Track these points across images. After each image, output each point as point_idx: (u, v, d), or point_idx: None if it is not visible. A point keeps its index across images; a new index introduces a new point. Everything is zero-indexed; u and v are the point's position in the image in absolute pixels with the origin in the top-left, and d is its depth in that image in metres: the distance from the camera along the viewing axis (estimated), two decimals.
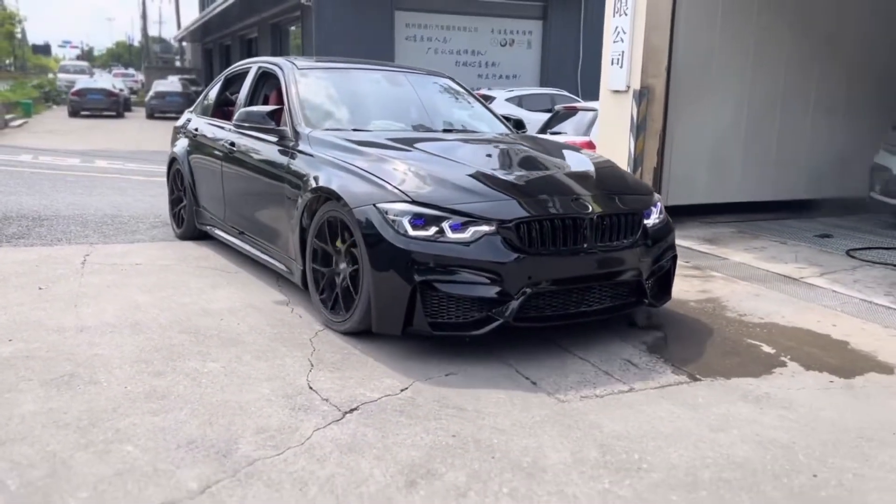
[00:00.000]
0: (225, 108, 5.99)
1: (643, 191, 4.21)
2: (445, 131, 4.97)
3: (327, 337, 3.77)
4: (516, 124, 5.43)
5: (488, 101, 11.23)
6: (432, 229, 3.42)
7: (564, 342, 3.75)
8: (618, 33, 6.94)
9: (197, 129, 5.90)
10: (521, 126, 5.50)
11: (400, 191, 3.57)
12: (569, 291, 3.62)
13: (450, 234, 3.40)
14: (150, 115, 25.98)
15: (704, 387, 3.31)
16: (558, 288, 3.56)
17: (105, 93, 26.31)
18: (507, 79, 19.71)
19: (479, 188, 3.64)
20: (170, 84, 28.11)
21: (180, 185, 6.09)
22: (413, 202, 3.49)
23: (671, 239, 4.15)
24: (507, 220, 3.44)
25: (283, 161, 4.40)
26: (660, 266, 4.01)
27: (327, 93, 5.01)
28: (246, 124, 4.78)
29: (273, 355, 3.48)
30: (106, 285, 4.55)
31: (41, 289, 4.42)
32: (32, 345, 3.48)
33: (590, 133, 7.95)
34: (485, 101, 5.92)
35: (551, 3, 19.63)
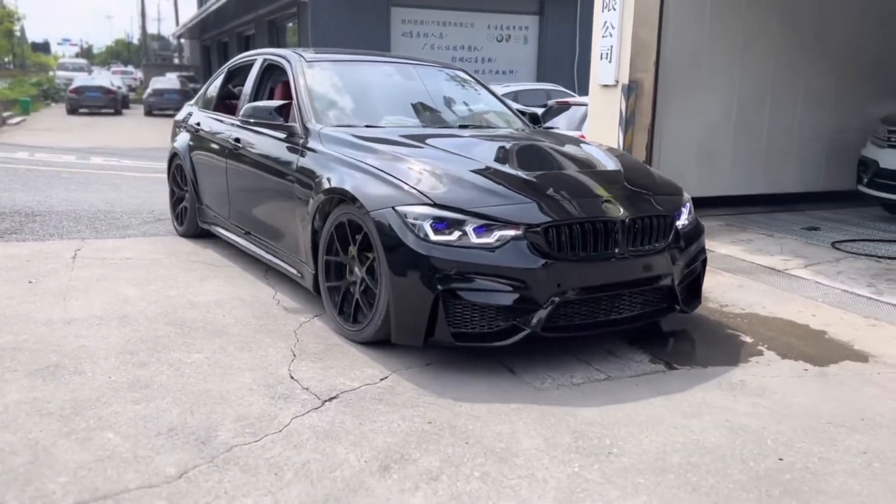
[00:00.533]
0: (228, 101, 5.81)
1: (673, 190, 3.99)
2: (461, 127, 4.74)
3: (311, 328, 3.82)
4: (532, 119, 5.23)
5: None
6: (455, 233, 3.22)
7: None
8: (606, 28, 6.98)
9: (199, 124, 5.72)
10: (537, 121, 5.28)
11: (420, 192, 3.36)
12: (598, 299, 3.44)
13: (474, 239, 3.21)
14: (147, 112, 26.06)
15: (680, 375, 3.36)
16: (588, 296, 3.39)
17: (103, 90, 26.37)
18: (503, 74, 19.74)
19: (502, 190, 3.43)
20: (168, 81, 28.21)
21: (181, 182, 5.96)
22: (434, 205, 3.28)
23: (702, 240, 3.97)
24: (535, 224, 3.26)
25: (293, 159, 4.19)
26: (691, 270, 3.83)
27: (337, 87, 4.78)
28: (252, 120, 4.56)
29: (257, 346, 3.54)
30: (95, 279, 4.61)
31: (31, 283, 4.47)
32: (20, 337, 3.54)
33: (582, 128, 8.00)
34: None
35: None
